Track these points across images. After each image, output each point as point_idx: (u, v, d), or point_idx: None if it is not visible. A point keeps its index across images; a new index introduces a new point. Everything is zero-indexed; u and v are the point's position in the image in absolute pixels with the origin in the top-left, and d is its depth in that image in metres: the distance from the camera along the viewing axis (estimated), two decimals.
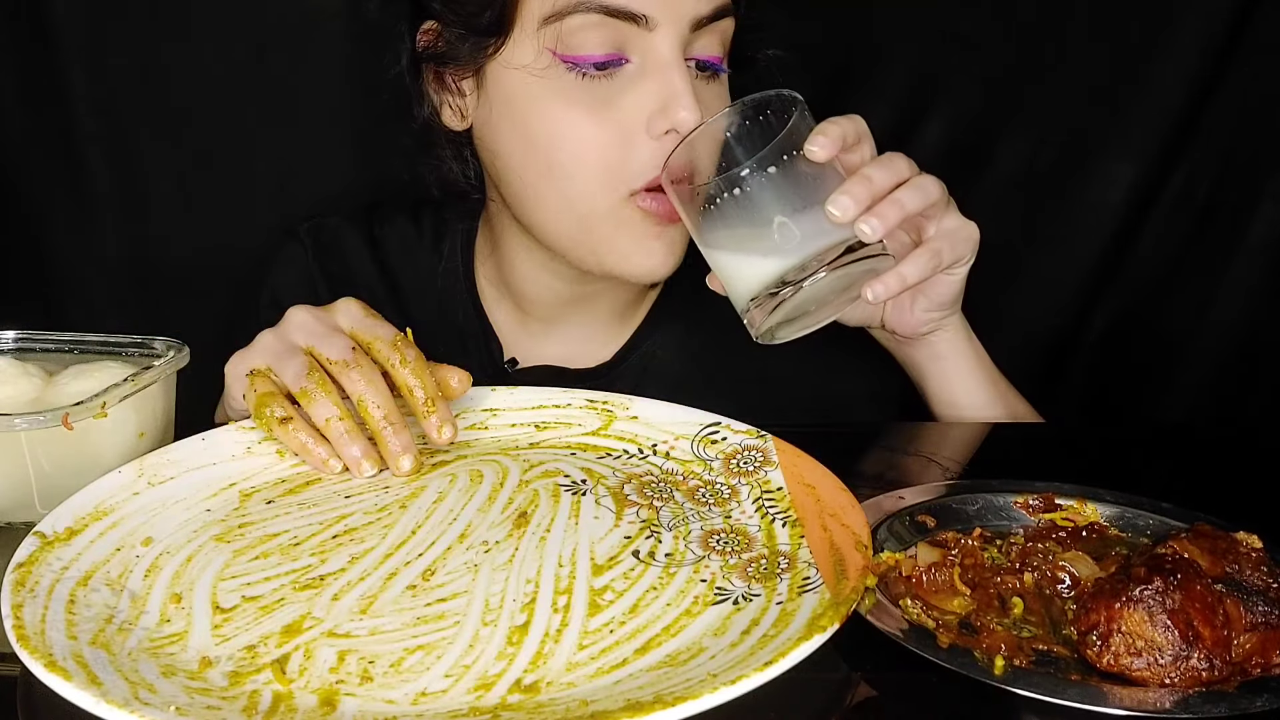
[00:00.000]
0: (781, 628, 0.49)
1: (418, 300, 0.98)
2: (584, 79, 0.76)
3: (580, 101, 0.77)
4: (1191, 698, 0.45)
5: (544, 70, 0.77)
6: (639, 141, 0.77)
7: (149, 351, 0.71)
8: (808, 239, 0.66)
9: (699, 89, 0.78)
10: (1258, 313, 1.18)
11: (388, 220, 1.00)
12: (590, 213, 0.79)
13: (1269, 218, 1.16)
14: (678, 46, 0.76)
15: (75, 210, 1.18)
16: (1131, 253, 1.20)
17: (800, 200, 0.66)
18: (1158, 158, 1.16)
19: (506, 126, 0.81)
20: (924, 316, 0.80)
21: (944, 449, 0.80)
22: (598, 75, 0.76)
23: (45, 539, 0.56)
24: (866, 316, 0.83)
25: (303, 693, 0.46)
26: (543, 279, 0.91)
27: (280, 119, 1.16)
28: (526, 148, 0.80)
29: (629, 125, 0.77)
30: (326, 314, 0.70)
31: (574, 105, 0.77)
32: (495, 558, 0.57)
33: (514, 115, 0.80)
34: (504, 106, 0.80)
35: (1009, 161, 1.19)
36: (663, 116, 0.76)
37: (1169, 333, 1.22)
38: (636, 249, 0.80)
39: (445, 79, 0.84)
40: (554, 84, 0.77)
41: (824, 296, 0.68)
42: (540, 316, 0.94)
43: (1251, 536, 0.54)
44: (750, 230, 0.66)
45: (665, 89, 0.75)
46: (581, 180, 0.78)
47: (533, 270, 0.91)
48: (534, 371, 0.94)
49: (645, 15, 0.74)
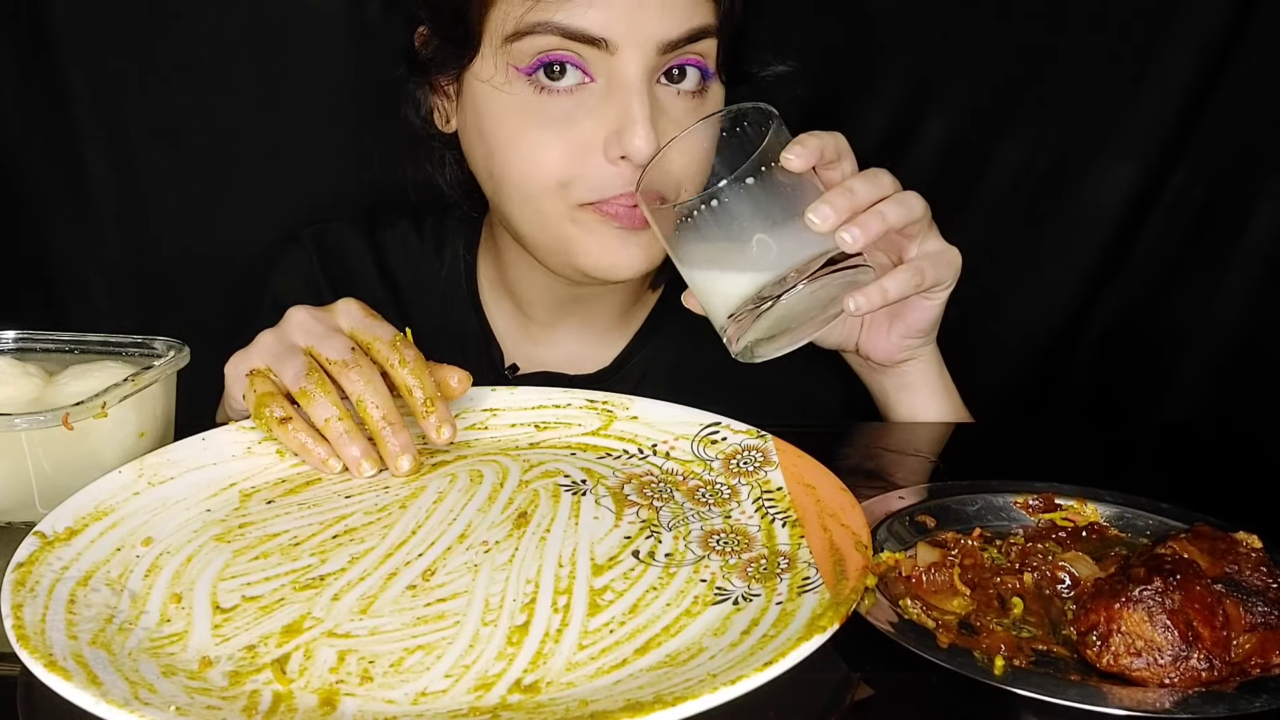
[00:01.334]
0: (781, 628, 0.49)
1: (419, 305, 0.98)
2: (544, 94, 0.76)
3: (540, 117, 0.76)
4: (1191, 698, 0.45)
5: (505, 85, 0.77)
6: (593, 161, 0.76)
7: (149, 351, 0.72)
8: (786, 252, 0.65)
9: (676, 107, 0.77)
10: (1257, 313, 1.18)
11: (390, 225, 1.00)
12: (548, 219, 0.79)
13: (1268, 218, 1.16)
14: (642, 71, 0.74)
15: (75, 210, 1.18)
16: (1131, 253, 1.20)
17: (779, 213, 0.65)
18: (1157, 158, 1.16)
19: (475, 135, 0.82)
20: (900, 343, 0.80)
21: (944, 449, 0.80)
22: (554, 90, 0.76)
23: (45, 539, 0.56)
24: (842, 339, 0.83)
25: (303, 693, 0.46)
26: (541, 281, 0.91)
27: (280, 119, 1.16)
28: (490, 156, 0.81)
29: (585, 144, 0.76)
30: (326, 314, 0.70)
31: (533, 120, 0.77)
32: (495, 558, 0.57)
33: (480, 125, 0.81)
34: (474, 116, 0.81)
35: (1009, 161, 1.19)
36: (617, 143, 0.74)
37: (1169, 333, 1.22)
38: (601, 250, 0.79)
39: (436, 83, 0.85)
40: (516, 99, 0.77)
41: (804, 312, 0.67)
42: (540, 320, 0.95)
43: (1251, 536, 0.54)
44: (728, 245, 0.65)
45: (623, 115, 0.74)
46: (535, 192, 0.78)
47: (530, 272, 0.91)
48: (534, 378, 0.94)
49: (605, 39, 0.73)
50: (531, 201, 0.79)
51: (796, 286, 0.64)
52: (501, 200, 0.83)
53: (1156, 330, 1.22)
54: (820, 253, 0.65)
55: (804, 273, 0.65)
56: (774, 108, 0.68)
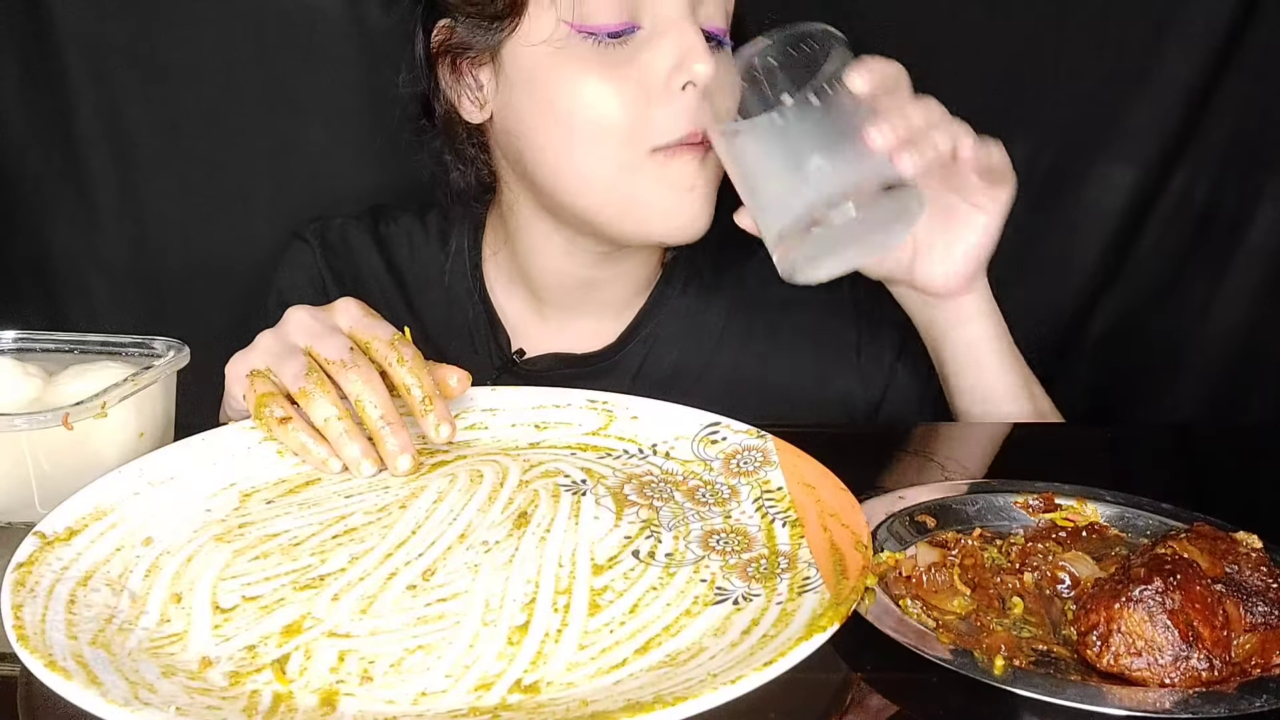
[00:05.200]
0: (781, 628, 0.49)
1: (426, 296, 0.99)
2: (599, 46, 0.80)
3: (598, 66, 0.80)
4: (1191, 698, 0.45)
5: (561, 42, 0.80)
6: (659, 99, 0.79)
7: (149, 351, 0.71)
8: (841, 172, 0.65)
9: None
10: (1257, 313, 1.18)
11: (393, 220, 1.02)
12: (618, 172, 0.81)
13: (1269, 219, 1.16)
14: (686, 6, 0.79)
15: (75, 210, 1.18)
16: (1131, 254, 1.20)
17: (837, 134, 0.66)
18: (1157, 159, 1.17)
19: (528, 104, 0.83)
20: (953, 268, 0.80)
21: (944, 449, 0.80)
22: (611, 42, 0.79)
23: (45, 539, 0.56)
24: (893, 267, 0.82)
25: (303, 693, 0.46)
26: (564, 265, 0.92)
27: (281, 119, 1.16)
28: (550, 120, 0.82)
29: (648, 83, 0.79)
30: (325, 314, 0.70)
31: (592, 71, 0.80)
32: (495, 558, 0.57)
33: (535, 91, 0.82)
34: (525, 85, 0.83)
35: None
36: (679, 71, 0.78)
37: (1169, 334, 1.22)
38: (670, 204, 0.82)
39: (462, 71, 0.87)
40: (571, 54, 0.80)
41: (855, 233, 0.67)
42: (555, 303, 0.96)
43: (1251, 536, 0.54)
44: (785, 162, 0.66)
45: (680, 44, 0.78)
46: (605, 141, 0.80)
47: (553, 257, 0.92)
48: (541, 359, 0.95)
49: None
50: (602, 154, 0.81)
51: (848, 207, 0.65)
52: (559, 168, 0.84)
53: (1157, 331, 1.22)
54: (875, 174, 0.66)
55: (858, 193, 0.65)
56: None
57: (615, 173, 0.81)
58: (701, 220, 0.83)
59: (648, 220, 0.83)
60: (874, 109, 0.68)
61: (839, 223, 0.65)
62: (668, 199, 0.82)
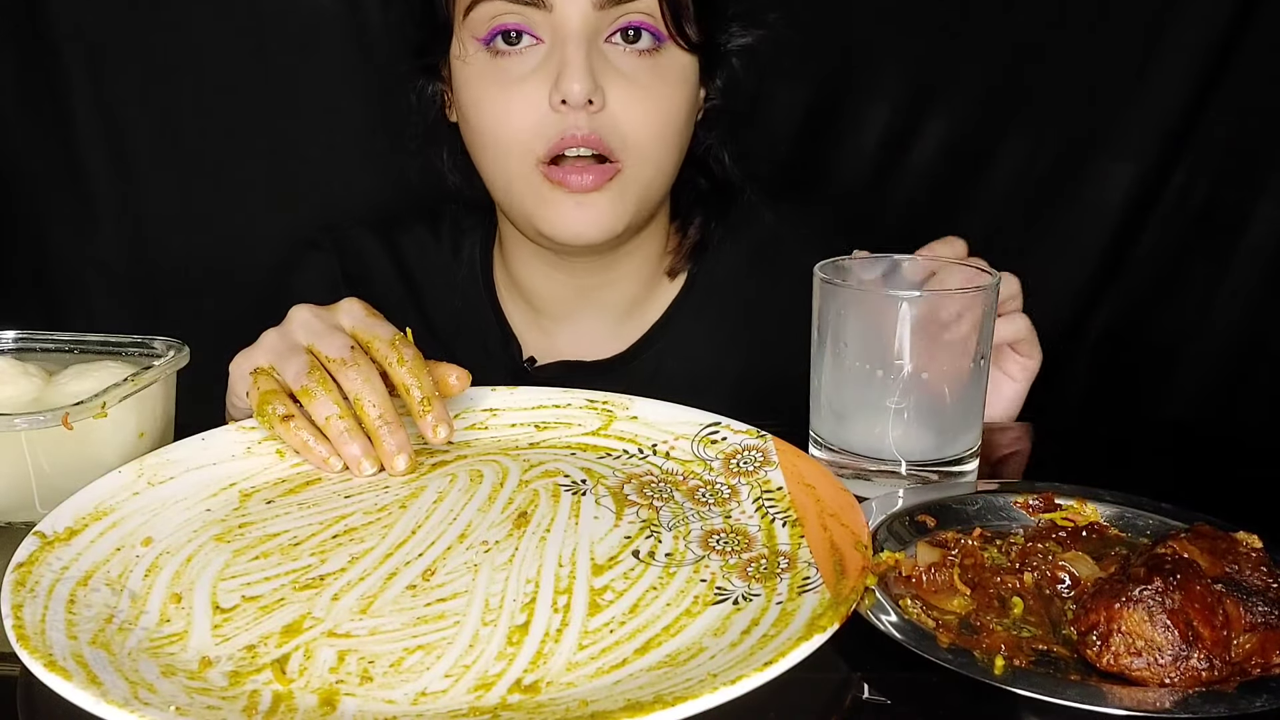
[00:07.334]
0: (781, 628, 0.49)
1: (440, 305, 1.00)
2: (501, 58, 0.83)
3: (495, 80, 0.83)
4: (1191, 698, 0.45)
5: (470, 57, 0.84)
6: (541, 113, 0.81)
7: (149, 351, 0.72)
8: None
9: (628, 64, 0.82)
10: (1257, 313, 1.18)
11: (406, 229, 1.03)
12: (511, 182, 0.85)
13: (1268, 218, 1.16)
14: (579, 25, 0.81)
15: (75, 211, 1.18)
16: (1131, 253, 1.20)
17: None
18: (1157, 158, 1.17)
19: (459, 112, 0.88)
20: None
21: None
22: (508, 53, 0.82)
23: (45, 539, 0.56)
24: None
25: (303, 693, 0.46)
26: (552, 275, 0.94)
27: (281, 119, 1.16)
28: (468, 130, 0.87)
29: (532, 98, 0.82)
30: (328, 313, 0.70)
31: (490, 84, 0.83)
32: (495, 558, 0.57)
33: (458, 99, 0.88)
34: (456, 94, 0.88)
35: (1009, 162, 1.19)
36: (555, 89, 0.80)
37: (1169, 333, 1.22)
38: (557, 215, 0.84)
39: (440, 72, 0.91)
40: (477, 68, 0.84)
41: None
42: (551, 314, 0.97)
43: (1251, 536, 0.54)
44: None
45: (559, 63, 0.80)
46: (499, 150, 0.84)
47: (540, 266, 0.94)
48: (552, 368, 0.95)
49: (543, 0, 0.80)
50: (501, 164, 0.85)
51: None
52: (484, 175, 0.88)
53: (1157, 330, 1.22)
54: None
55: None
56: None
57: (511, 182, 0.85)
58: (600, 226, 0.84)
59: (550, 224, 0.85)
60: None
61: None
62: (554, 210, 0.84)
